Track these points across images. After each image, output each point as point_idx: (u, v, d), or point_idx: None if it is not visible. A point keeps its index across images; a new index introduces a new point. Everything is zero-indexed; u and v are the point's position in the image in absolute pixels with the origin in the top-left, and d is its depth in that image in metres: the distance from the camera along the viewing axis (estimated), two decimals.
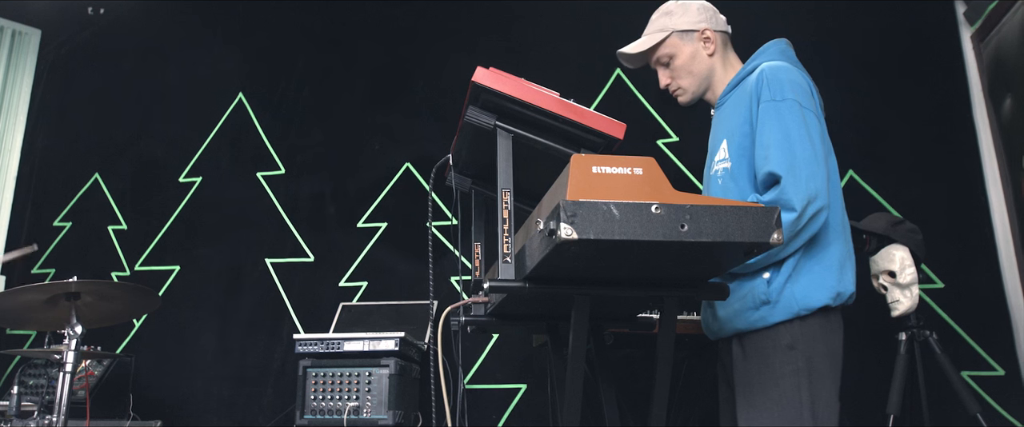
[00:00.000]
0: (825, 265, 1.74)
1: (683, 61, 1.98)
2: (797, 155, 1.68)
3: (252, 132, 4.03)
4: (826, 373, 1.71)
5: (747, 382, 1.76)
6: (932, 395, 2.51)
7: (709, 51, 1.98)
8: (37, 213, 4.16)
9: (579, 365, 1.57)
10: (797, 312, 1.71)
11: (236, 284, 3.79)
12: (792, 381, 1.68)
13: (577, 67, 3.74)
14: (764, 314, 1.74)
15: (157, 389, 3.57)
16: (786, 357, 1.70)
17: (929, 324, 2.58)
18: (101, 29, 4.42)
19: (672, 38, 1.98)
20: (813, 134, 1.71)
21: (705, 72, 1.99)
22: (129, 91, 4.27)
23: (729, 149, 1.84)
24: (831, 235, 1.76)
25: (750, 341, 1.78)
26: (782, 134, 1.70)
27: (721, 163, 1.87)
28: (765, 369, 1.72)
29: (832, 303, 1.72)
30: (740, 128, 1.81)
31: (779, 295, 1.71)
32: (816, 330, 1.71)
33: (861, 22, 3.46)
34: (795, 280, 1.72)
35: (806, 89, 1.79)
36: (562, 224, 1.22)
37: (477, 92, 1.61)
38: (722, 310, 1.85)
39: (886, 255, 2.54)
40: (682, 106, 2.07)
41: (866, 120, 3.34)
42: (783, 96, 1.73)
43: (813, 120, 1.74)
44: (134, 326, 3.82)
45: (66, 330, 2.33)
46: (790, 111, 1.72)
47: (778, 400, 1.68)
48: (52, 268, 4.02)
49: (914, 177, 3.24)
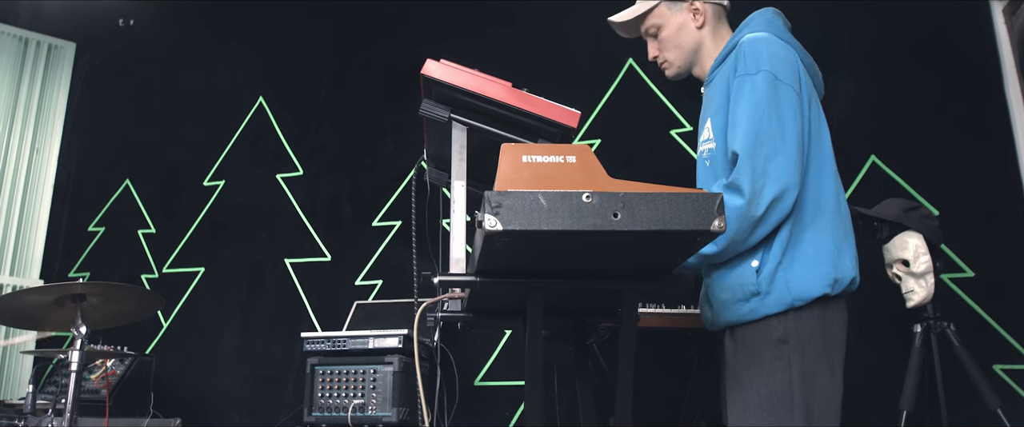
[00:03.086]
0: (819, 249, 1.64)
1: (670, 32, 1.92)
2: (761, 133, 1.60)
3: (272, 134, 4.10)
4: (823, 368, 1.61)
5: (736, 378, 1.67)
6: (950, 390, 2.37)
7: (698, 23, 1.90)
8: (73, 219, 4.33)
9: (537, 361, 1.53)
10: (791, 303, 1.62)
11: (257, 284, 3.87)
12: (783, 377, 1.59)
13: (590, 58, 3.68)
14: (755, 306, 1.65)
15: (180, 387, 3.67)
16: (777, 352, 1.61)
17: (950, 315, 2.45)
18: (130, 40, 4.56)
19: (660, 8, 1.92)
20: (784, 110, 1.62)
21: (692, 45, 1.91)
22: (156, 98, 4.40)
23: (713, 129, 1.76)
24: (820, 217, 1.66)
25: (741, 334, 1.70)
26: (749, 110, 1.63)
27: (706, 143, 1.79)
28: (754, 364, 1.63)
29: (830, 291, 1.62)
30: (722, 106, 1.73)
31: (770, 285, 1.62)
32: (813, 322, 1.62)
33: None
34: (788, 267, 1.63)
35: (787, 61, 1.70)
36: (487, 215, 1.19)
37: (429, 85, 1.59)
38: (713, 301, 1.78)
39: (899, 243, 2.41)
40: (669, 80, 2.01)
41: (887, 101, 3.19)
42: (757, 68, 1.65)
43: (789, 94, 1.64)
44: (162, 326, 3.93)
45: (72, 331, 2.40)
46: (764, 84, 1.64)
47: (768, 398, 1.59)
48: (87, 272, 4.18)
49: (941, 160, 3.07)
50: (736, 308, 1.69)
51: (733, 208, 1.60)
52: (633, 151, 3.51)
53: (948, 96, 3.12)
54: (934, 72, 3.16)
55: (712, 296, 1.78)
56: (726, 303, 1.72)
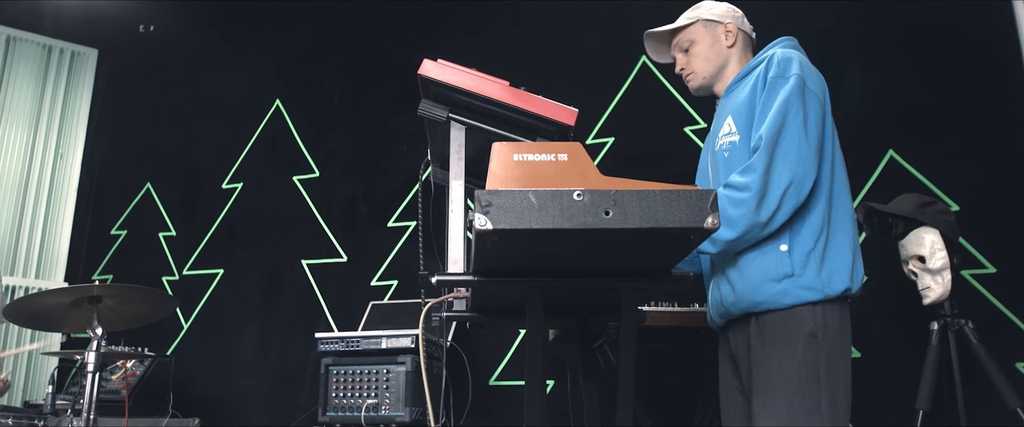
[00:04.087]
0: (844, 250, 1.75)
1: (702, 48, 2.03)
2: (787, 124, 1.70)
3: (288, 137, 4.14)
4: (842, 363, 1.70)
5: (767, 369, 1.71)
6: (968, 389, 2.32)
7: (729, 43, 2.02)
8: (96, 222, 4.41)
9: (537, 361, 1.52)
10: (823, 292, 1.69)
11: (274, 285, 3.91)
12: (812, 371, 1.65)
13: (604, 56, 3.66)
14: (787, 287, 1.70)
15: (199, 388, 3.72)
16: (809, 345, 1.67)
17: (971, 311, 2.40)
18: (150, 46, 4.63)
19: (697, 25, 2.04)
20: (810, 111, 1.73)
21: (719, 61, 2.02)
22: (176, 103, 4.46)
23: (735, 123, 1.85)
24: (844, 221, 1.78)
25: (770, 323, 1.74)
26: (780, 104, 1.73)
27: (727, 136, 1.87)
28: (788, 356, 1.68)
29: (851, 287, 1.72)
30: (747, 104, 1.83)
31: (804, 268, 1.70)
32: (837, 319, 1.71)
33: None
34: (821, 256, 1.72)
35: (816, 75, 1.83)
36: (477, 214, 1.19)
37: (426, 85, 1.59)
38: (738, 283, 1.80)
39: (915, 239, 2.37)
40: (691, 91, 2.09)
41: (905, 95, 3.13)
42: (791, 73, 1.77)
43: (814, 102, 1.76)
44: (182, 327, 3.99)
45: (89, 332, 2.45)
46: (795, 86, 1.75)
47: (798, 390, 1.65)
48: (110, 274, 4.25)
49: (961, 154, 3.00)
50: (767, 287, 1.73)
51: (750, 189, 1.68)
52: (647, 149, 3.49)
53: (968, 90, 3.05)
54: (954, 66, 3.09)
55: (736, 280, 1.80)
56: (755, 284, 1.75)
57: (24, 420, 2.54)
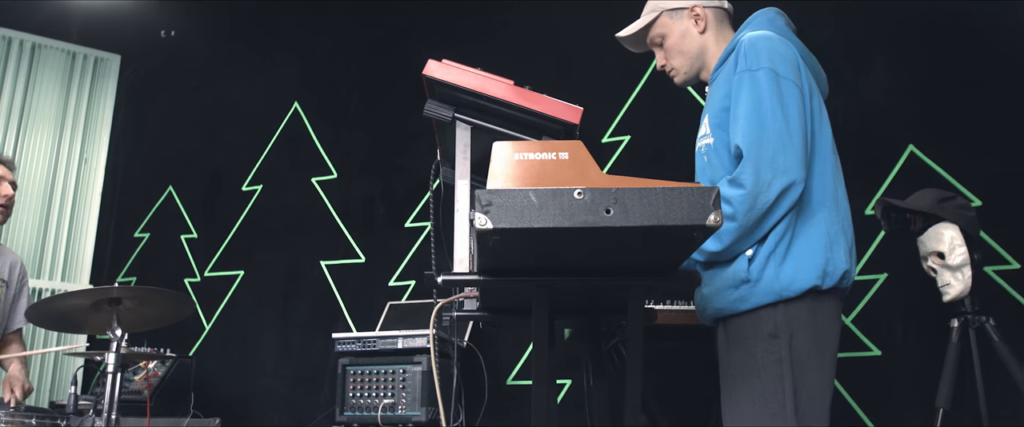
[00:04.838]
0: (812, 242, 1.64)
1: (674, 41, 1.95)
2: (767, 127, 1.60)
3: (307, 138, 4.17)
4: (812, 363, 1.60)
5: (729, 373, 1.68)
6: (990, 387, 2.27)
7: (700, 28, 1.92)
8: (120, 225, 4.48)
9: (543, 360, 1.52)
10: (780, 295, 1.61)
11: (294, 286, 3.94)
12: (774, 371, 1.59)
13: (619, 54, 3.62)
14: (744, 294, 1.65)
15: (219, 388, 3.77)
16: (768, 346, 1.61)
17: (993, 308, 2.35)
18: (171, 51, 4.70)
19: (662, 18, 1.96)
20: (788, 105, 1.62)
21: (696, 50, 1.93)
22: (197, 106, 4.52)
23: (710, 124, 1.78)
24: (817, 211, 1.66)
25: (733, 326, 1.70)
26: (753, 105, 1.63)
27: (703, 139, 1.81)
28: (747, 358, 1.63)
29: (820, 284, 1.61)
30: (720, 102, 1.74)
31: (760, 273, 1.62)
32: (802, 315, 1.61)
33: None
34: (779, 259, 1.62)
35: (786, 57, 1.70)
36: (477, 214, 1.19)
37: (432, 85, 1.60)
38: (706, 289, 1.76)
39: (934, 235, 2.32)
40: (678, 86, 2.03)
41: (925, 88, 3.07)
42: (758, 65, 1.66)
43: (791, 90, 1.64)
44: (204, 328, 4.04)
45: (109, 333, 2.48)
46: (765, 80, 1.64)
47: (760, 392, 1.59)
48: (133, 277, 4.32)
49: (983, 148, 2.94)
50: (726, 295, 1.69)
51: (739, 203, 1.60)
52: (663, 147, 3.47)
53: (988, 83, 2.99)
54: (974, 60, 3.03)
55: (705, 286, 1.77)
56: (717, 290, 1.71)
57: (47, 420, 2.59)
